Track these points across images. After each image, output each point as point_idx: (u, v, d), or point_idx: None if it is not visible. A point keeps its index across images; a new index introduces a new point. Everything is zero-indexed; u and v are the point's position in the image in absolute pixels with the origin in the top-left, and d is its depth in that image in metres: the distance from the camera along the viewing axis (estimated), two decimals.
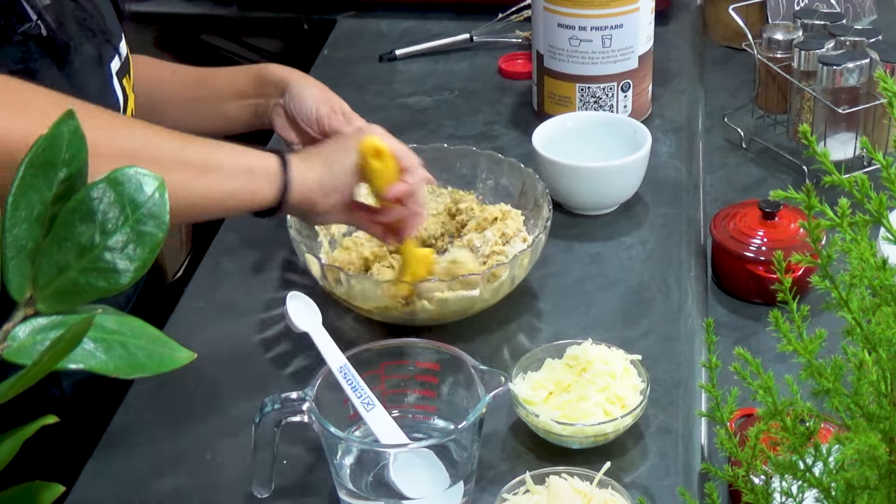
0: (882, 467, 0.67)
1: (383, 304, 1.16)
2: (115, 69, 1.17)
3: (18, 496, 0.63)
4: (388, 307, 1.16)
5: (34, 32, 1.04)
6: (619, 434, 1.04)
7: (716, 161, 1.61)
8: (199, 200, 1.04)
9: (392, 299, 1.16)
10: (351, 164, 1.12)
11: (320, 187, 1.10)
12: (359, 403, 1.00)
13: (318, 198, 1.10)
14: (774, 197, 0.68)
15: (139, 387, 1.15)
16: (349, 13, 1.96)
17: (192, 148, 1.05)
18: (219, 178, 1.05)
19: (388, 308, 1.16)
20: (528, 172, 1.32)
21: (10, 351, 0.63)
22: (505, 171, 1.34)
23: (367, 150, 1.12)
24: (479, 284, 1.15)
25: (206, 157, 1.05)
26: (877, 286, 0.65)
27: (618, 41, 1.50)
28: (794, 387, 0.71)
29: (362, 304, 1.17)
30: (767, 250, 1.33)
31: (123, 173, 0.67)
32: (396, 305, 1.16)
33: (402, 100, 1.68)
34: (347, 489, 0.98)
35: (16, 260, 0.64)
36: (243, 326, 1.23)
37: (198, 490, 1.04)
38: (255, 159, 1.08)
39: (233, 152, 1.07)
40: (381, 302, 1.16)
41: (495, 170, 1.34)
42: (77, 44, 1.09)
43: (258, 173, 1.07)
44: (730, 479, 0.76)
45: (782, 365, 0.76)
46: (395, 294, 1.16)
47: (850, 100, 1.48)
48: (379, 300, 1.16)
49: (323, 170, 1.11)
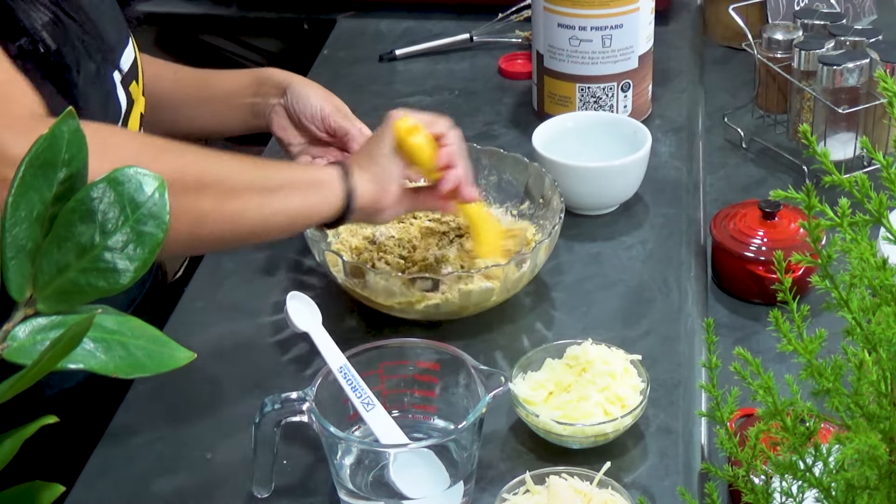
0: (882, 467, 0.67)
1: (406, 299, 1.17)
2: (119, 79, 1.17)
3: (18, 496, 0.63)
4: (412, 302, 1.17)
5: (29, 48, 1.04)
6: (619, 434, 1.04)
7: (716, 161, 1.61)
8: (275, 219, 1.08)
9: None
10: (392, 151, 1.15)
11: (377, 183, 1.13)
12: (359, 403, 1.00)
13: (379, 195, 1.13)
14: (774, 197, 0.68)
15: (139, 387, 1.15)
16: (349, 13, 1.95)
17: (260, 170, 1.09)
18: (290, 194, 1.08)
19: (410, 303, 1.17)
20: (533, 167, 1.32)
21: (10, 351, 0.63)
22: (508, 167, 1.34)
23: (403, 131, 1.15)
24: (501, 276, 1.17)
25: (274, 177, 1.08)
26: (877, 286, 0.65)
27: (618, 41, 1.50)
28: (794, 387, 0.71)
29: (385, 300, 1.18)
30: (767, 250, 1.33)
31: (123, 173, 0.67)
32: (421, 299, 1.17)
33: (402, 100, 1.68)
34: (347, 489, 0.98)
35: (16, 260, 0.64)
36: (243, 326, 1.23)
37: (198, 490, 1.04)
38: (318, 172, 1.13)
39: (297, 169, 1.13)
40: (405, 297, 1.17)
41: (498, 166, 1.34)
42: (76, 60, 1.09)
43: (325, 184, 1.10)
44: (730, 479, 0.76)
45: (782, 365, 0.76)
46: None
47: (850, 100, 1.48)
48: (403, 296, 1.17)
49: (373, 166, 1.14)
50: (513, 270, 1.17)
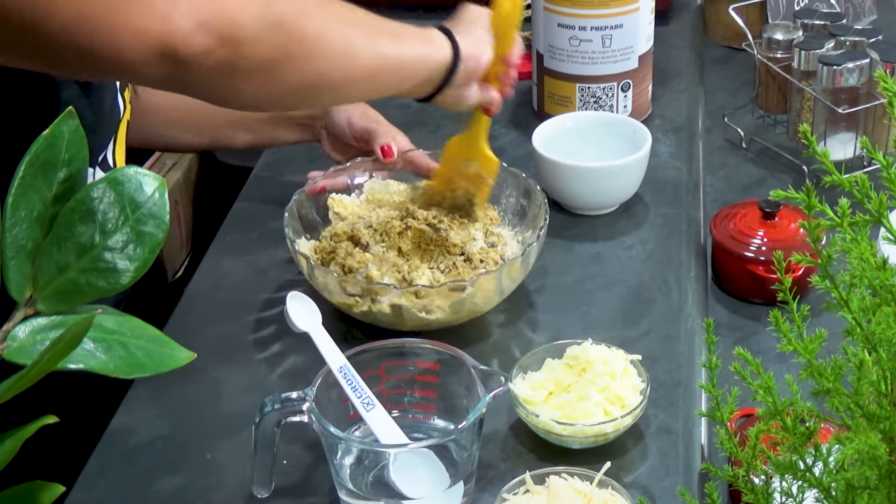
0: (882, 467, 0.67)
1: (343, 301, 1.15)
2: (119, 84, 1.17)
3: (18, 496, 0.63)
4: (405, 319, 1.15)
5: None
6: (619, 434, 1.04)
7: (716, 161, 1.61)
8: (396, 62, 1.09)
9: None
10: (485, 22, 1.17)
11: (475, 47, 1.15)
12: (359, 403, 1.00)
13: (478, 59, 1.15)
14: (774, 197, 0.68)
15: (139, 387, 1.15)
16: None
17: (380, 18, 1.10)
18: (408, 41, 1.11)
19: (404, 320, 1.15)
20: (525, 180, 1.29)
21: (10, 351, 0.64)
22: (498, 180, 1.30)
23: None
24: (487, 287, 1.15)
25: (394, 24, 1.10)
26: (877, 286, 0.65)
27: (618, 41, 1.50)
28: (794, 387, 0.71)
29: (337, 300, 1.16)
30: (767, 250, 1.33)
31: (123, 173, 0.67)
32: (411, 311, 1.14)
33: (402, 100, 1.67)
34: (347, 489, 0.98)
35: (16, 260, 0.64)
36: (243, 326, 1.23)
37: (198, 490, 1.04)
38: (426, 30, 1.14)
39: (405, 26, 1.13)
40: (343, 300, 1.15)
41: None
42: None
43: (435, 38, 1.13)
44: (730, 479, 0.76)
45: (782, 365, 0.76)
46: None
47: (850, 100, 1.48)
48: (340, 297, 1.15)
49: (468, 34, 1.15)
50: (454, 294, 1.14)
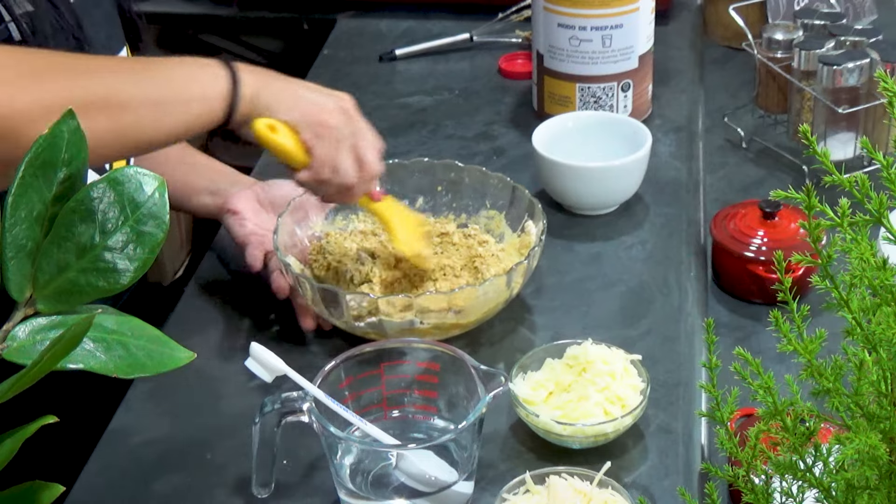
0: (882, 467, 0.67)
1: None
2: None
3: (18, 496, 0.63)
4: (412, 328, 1.13)
5: (2, 36, 1.04)
6: (619, 434, 1.04)
7: (716, 161, 1.61)
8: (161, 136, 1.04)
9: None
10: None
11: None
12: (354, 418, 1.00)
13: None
14: (774, 197, 0.67)
15: (139, 387, 1.15)
16: (349, 13, 1.95)
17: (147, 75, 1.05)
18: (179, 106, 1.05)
19: (412, 331, 1.14)
20: (518, 189, 1.27)
21: (10, 351, 0.64)
22: (490, 190, 1.29)
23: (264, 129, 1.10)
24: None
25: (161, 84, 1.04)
26: (877, 286, 0.65)
27: (618, 41, 1.50)
28: (794, 387, 0.71)
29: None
30: (767, 250, 1.33)
31: (123, 173, 0.67)
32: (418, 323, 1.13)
33: (402, 100, 1.68)
34: (347, 489, 0.98)
35: (16, 260, 0.64)
36: (243, 326, 1.23)
37: (198, 490, 1.04)
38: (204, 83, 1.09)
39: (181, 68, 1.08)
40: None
41: (479, 189, 1.30)
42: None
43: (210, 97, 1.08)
44: (730, 479, 0.76)
45: (782, 365, 0.76)
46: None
47: (850, 100, 1.48)
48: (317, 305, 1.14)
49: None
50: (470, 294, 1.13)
